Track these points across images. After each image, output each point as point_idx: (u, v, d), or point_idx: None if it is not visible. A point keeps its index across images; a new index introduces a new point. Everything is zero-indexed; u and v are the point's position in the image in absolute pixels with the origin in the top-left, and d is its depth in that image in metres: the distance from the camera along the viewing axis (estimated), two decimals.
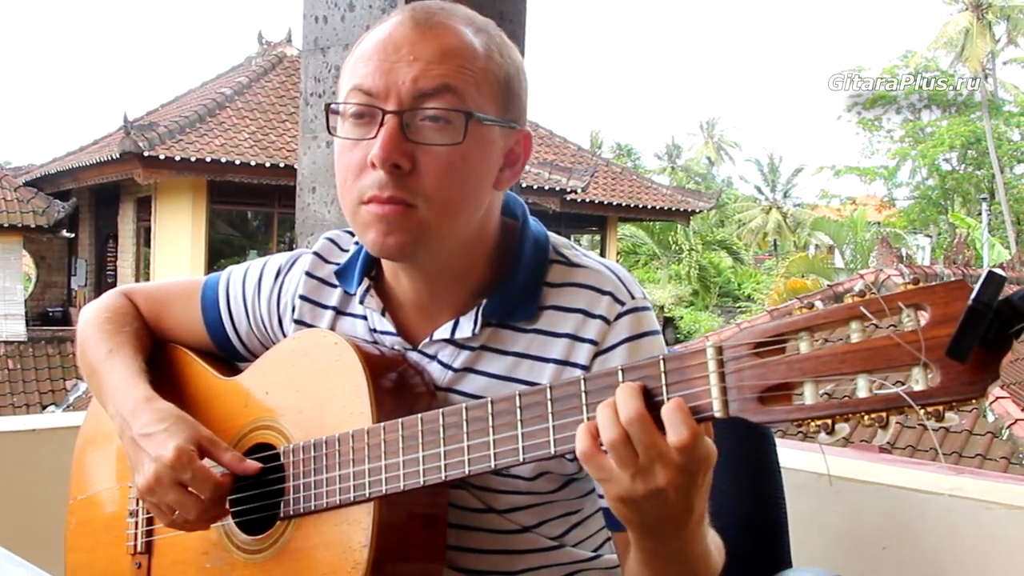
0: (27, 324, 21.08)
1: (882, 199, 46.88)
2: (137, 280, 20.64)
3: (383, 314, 1.59)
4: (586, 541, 1.63)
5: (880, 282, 13.36)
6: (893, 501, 2.38)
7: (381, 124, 1.41)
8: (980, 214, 33.60)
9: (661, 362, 1.20)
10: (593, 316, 1.52)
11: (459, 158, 1.42)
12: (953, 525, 2.30)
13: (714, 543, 1.42)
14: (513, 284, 1.53)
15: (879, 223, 41.60)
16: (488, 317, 1.53)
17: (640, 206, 25.94)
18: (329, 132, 1.49)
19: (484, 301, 1.53)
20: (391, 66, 1.42)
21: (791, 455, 2.35)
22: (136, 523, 1.73)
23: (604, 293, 1.53)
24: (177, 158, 19.22)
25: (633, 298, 1.54)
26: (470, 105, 1.43)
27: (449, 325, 1.55)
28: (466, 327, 1.53)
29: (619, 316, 1.52)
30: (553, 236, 1.62)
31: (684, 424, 1.17)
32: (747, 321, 15.60)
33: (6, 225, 20.65)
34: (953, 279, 1.03)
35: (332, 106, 1.49)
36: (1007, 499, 2.27)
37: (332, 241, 1.73)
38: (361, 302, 1.62)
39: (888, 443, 10.70)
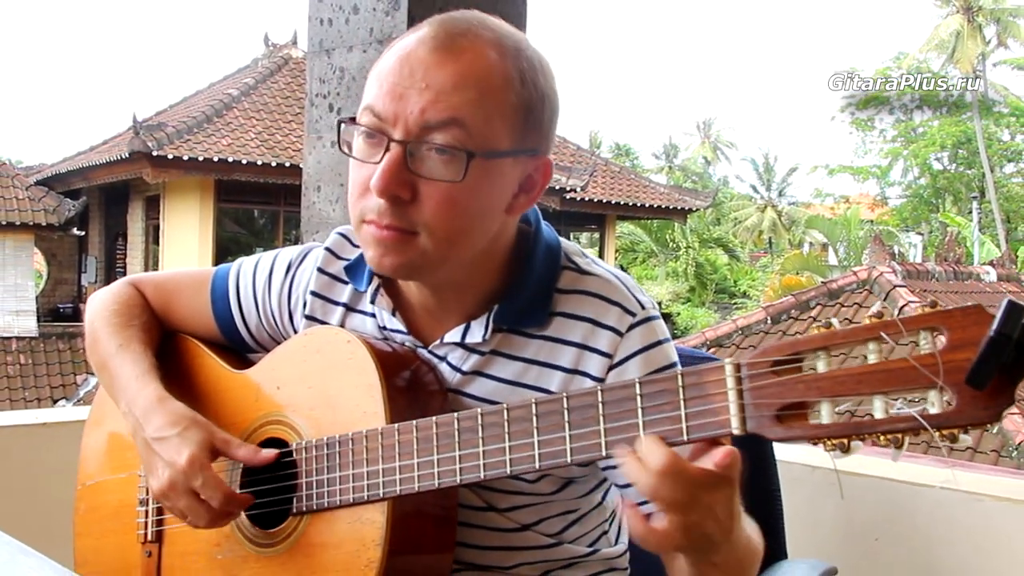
0: (38, 320, 21.09)
1: (875, 198, 46.93)
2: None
3: (393, 313, 1.58)
4: (583, 537, 1.63)
5: (873, 279, 13.35)
6: (886, 493, 2.38)
7: (386, 150, 1.38)
8: (971, 212, 33.72)
9: (679, 377, 1.19)
10: (603, 327, 1.50)
11: (460, 193, 1.39)
12: (945, 517, 2.30)
13: (749, 525, 1.41)
14: (524, 290, 1.52)
15: (872, 221, 41.62)
16: (499, 323, 1.51)
17: (638, 204, 25.91)
18: (340, 146, 1.47)
19: (496, 307, 1.51)
20: (403, 92, 1.37)
21: (787, 449, 2.35)
22: (147, 512, 1.72)
23: (613, 303, 1.51)
24: (185, 157, 19.23)
25: (643, 308, 1.52)
26: (477, 140, 1.38)
27: (460, 329, 1.53)
28: (477, 332, 1.52)
29: (630, 328, 1.50)
30: (565, 242, 1.60)
31: (727, 464, 1.15)
32: (742, 317, 15.58)
33: (18, 223, 20.65)
34: (969, 304, 1.02)
35: (344, 121, 1.46)
36: (997, 491, 2.27)
37: (344, 236, 1.70)
38: (372, 301, 1.60)
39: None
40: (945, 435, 1.02)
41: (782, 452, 2.08)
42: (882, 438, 1.06)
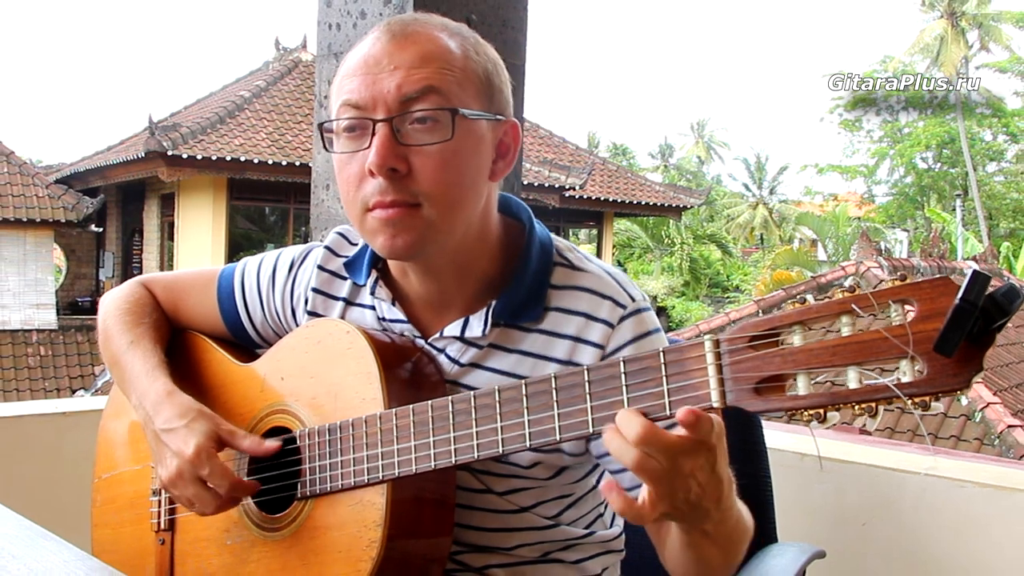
0: (58, 313, 21.13)
1: (862, 196, 46.93)
2: (162, 272, 20.60)
3: (393, 303, 1.59)
4: (579, 520, 1.63)
5: (860, 274, 13.34)
6: (873, 480, 2.38)
7: (373, 133, 1.40)
8: (955, 210, 33.60)
9: (661, 355, 1.19)
10: (596, 320, 1.51)
11: (451, 154, 1.42)
12: (929, 502, 2.30)
13: (741, 505, 1.42)
14: (521, 286, 1.53)
15: (859, 218, 41.55)
16: (497, 317, 1.52)
17: (635, 202, 25.87)
18: (325, 149, 1.49)
19: (493, 302, 1.52)
20: (375, 78, 1.41)
21: (777, 437, 2.35)
22: (159, 501, 1.73)
23: (605, 297, 1.52)
24: (199, 157, 19.20)
25: (633, 300, 1.53)
26: (454, 102, 1.42)
27: (459, 323, 1.54)
28: (476, 327, 1.52)
29: (621, 320, 1.51)
30: (556, 239, 1.61)
31: (690, 421, 1.15)
32: (735, 311, 15.59)
33: (38, 220, 20.66)
34: (937, 276, 1.03)
35: (325, 124, 1.48)
36: (979, 478, 2.27)
37: (342, 235, 1.72)
38: (372, 293, 1.61)
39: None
40: (917, 403, 1.02)
41: (772, 440, 2.08)
42: (856, 407, 1.06)
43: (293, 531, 1.52)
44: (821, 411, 1.09)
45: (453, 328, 1.54)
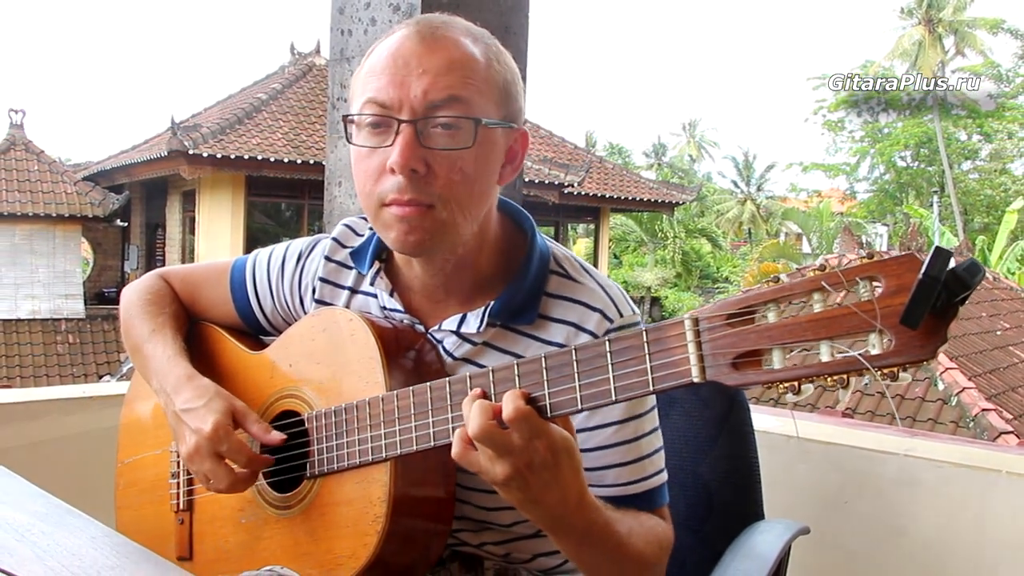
0: (85, 303, 21.17)
1: (844, 192, 46.91)
2: (183, 264, 20.62)
3: (391, 294, 1.58)
4: None
5: (842, 265, 13.32)
6: (855, 460, 2.38)
7: (397, 133, 1.38)
8: (932, 206, 33.66)
9: (644, 333, 1.18)
10: (583, 330, 1.50)
11: (469, 160, 1.40)
12: (908, 482, 2.30)
13: (639, 531, 1.43)
14: (519, 291, 1.52)
15: (842, 213, 41.65)
16: (493, 318, 1.51)
17: (630, 198, 25.84)
18: (347, 141, 1.46)
19: (491, 303, 1.51)
20: (402, 79, 1.39)
21: (763, 419, 2.34)
22: (178, 483, 1.73)
23: (594, 310, 1.51)
24: (218, 156, 19.20)
25: (621, 316, 1.52)
26: (476, 111, 1.40)
27: (456, 318, 1.53)
28: (472, 323, 1.52)
29: (607, 333, 1.49)
30: (554, 248, 1.60)
31: (520, 426, 1.22)
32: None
33: (67, 215, 20.72)
34: (902, 253, 1.02)
35: (348, 117, 1.46)
36: (955, 458, 2.27)
37: (349, 227, 1.71)
38: (371, 283, 1.61)
39: (850, 408, 10.72)
40: (886, 374, 1.02)
41: (760, 422, 2.08)
42: (829, 379, 1.07)
43: (303, 509, 1.52)
44: (796, 383, 1.08)
45: (450, 322, 1.54)
